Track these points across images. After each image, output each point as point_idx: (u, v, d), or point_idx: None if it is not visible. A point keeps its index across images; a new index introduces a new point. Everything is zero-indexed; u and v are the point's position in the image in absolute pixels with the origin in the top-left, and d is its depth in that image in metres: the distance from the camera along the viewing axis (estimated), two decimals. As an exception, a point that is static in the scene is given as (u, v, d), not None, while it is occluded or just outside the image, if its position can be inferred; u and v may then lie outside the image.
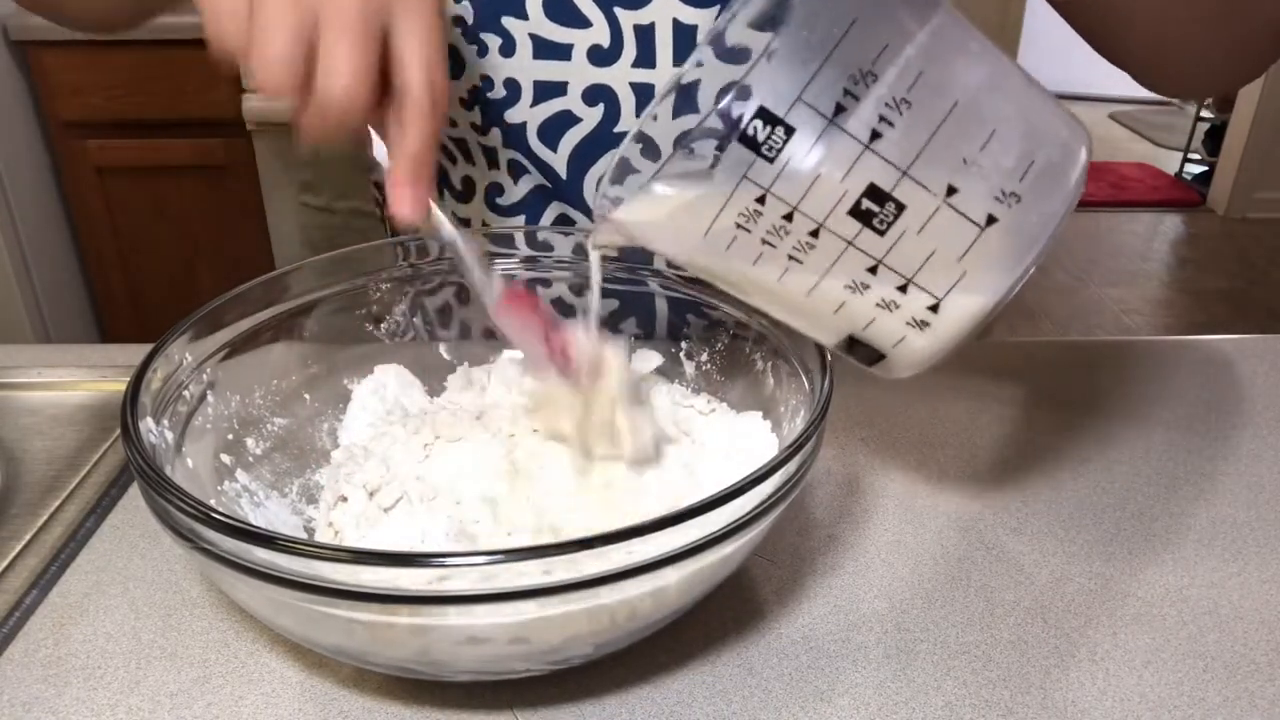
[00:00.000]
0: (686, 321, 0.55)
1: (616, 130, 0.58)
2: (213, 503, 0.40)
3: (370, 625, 0.34)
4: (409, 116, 0.39)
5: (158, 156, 1.84)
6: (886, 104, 0.32)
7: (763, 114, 0.32)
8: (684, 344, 0.54)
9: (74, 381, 0.61)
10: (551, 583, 0.32)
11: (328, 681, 0.41)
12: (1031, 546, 0.48)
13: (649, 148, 0.46)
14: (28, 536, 0.48)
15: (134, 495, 0.52)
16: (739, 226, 0.34)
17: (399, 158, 0.40)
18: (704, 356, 0.54)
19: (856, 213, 0.34)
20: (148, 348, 0.43)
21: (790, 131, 0.32)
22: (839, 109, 0.32)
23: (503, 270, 0.53)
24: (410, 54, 0.39)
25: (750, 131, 0.32)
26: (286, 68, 0.37)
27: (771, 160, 0.33)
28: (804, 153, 0.32)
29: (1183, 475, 0.54)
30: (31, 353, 0.67)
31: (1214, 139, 3.64)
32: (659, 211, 0.36)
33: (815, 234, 0.34)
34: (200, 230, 1.92)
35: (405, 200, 0.40)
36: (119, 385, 0.60)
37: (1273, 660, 0.42)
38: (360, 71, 0.37)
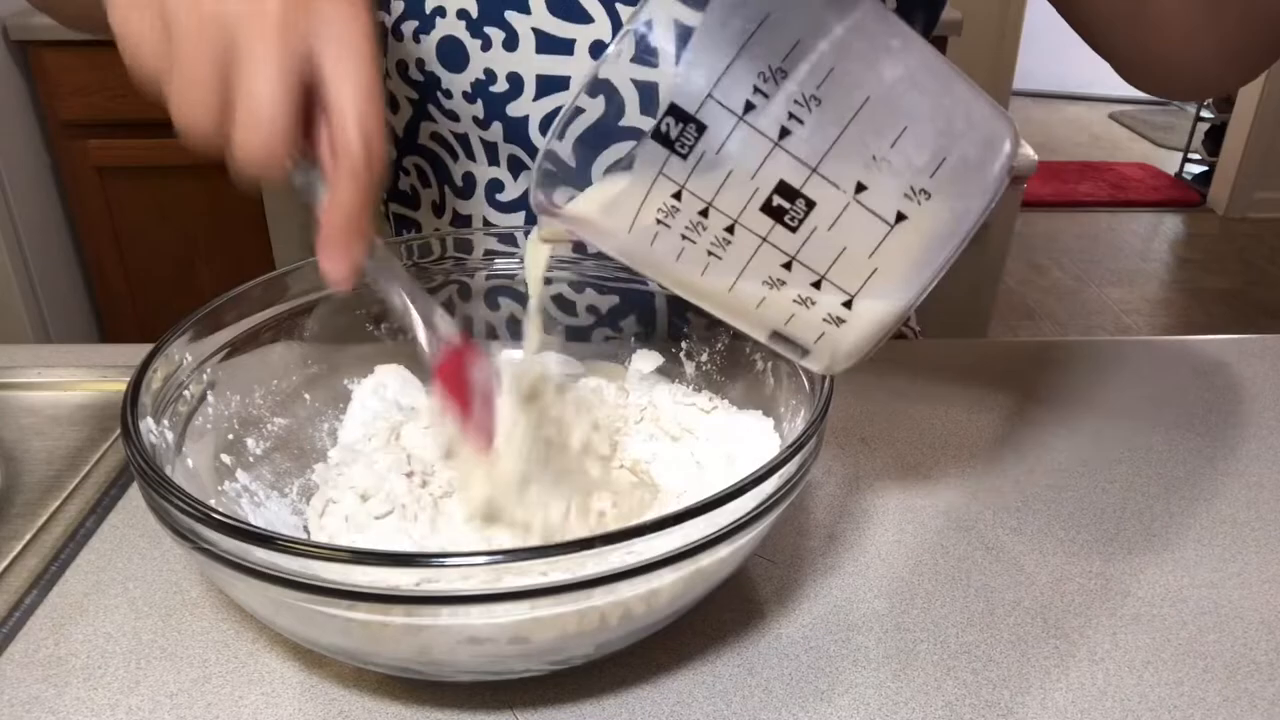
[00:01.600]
0: (686, 320, 0.55)
1: (619, 126, 0.59)
2: (213, 503, 0.40)
3: (368, 625, 0.34)
4: (343, 172, 0.36)
5: (158, 156, 1.84)
6: (796, 101, 0.32)
7: (674, 111, 0.32)
8: (684, 344, 0.54)
9: (74, 381, 0.61)
10: (547, 584, 0.32)
11: (328, 681, 0.41)
12: (1031, 546, 0.48)
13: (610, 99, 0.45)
14: (28, 536, 0.48)
15: (134, 495, 0.52)
16: (659, 222, 0.35)
17: (332, 211, 0.37)
18: (704, 356, 0.54)
19: (769, 209, 0.34)
20: (148, 348, 0.43)
21: (702, 128, 0.32)
22: (749, 106, 0.32)
23: (450, 328, 0.43)
24: (344, 100, 0.35)
25: (663, 128, 0.32)
26: (202, 108, 0.34)
27: (685, 157, 0.33)
28: (715, 149, 0.32)
29: (1183, 475, 0.54)
30: (31, 353, 0.67)
31: (1214, 139, 3.64)
32: (589, 206, 0.37)
33: (731, 230, 0.34)
34: (200, 230, 1.92)
35: (335, 262, 0.37)
36: (119, 385, 0.60)
37: (1273, 660, 0.42)
38: (279, 99, 0.34)
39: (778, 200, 0.33)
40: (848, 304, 0.36)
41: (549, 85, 0.58)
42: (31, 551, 0.47)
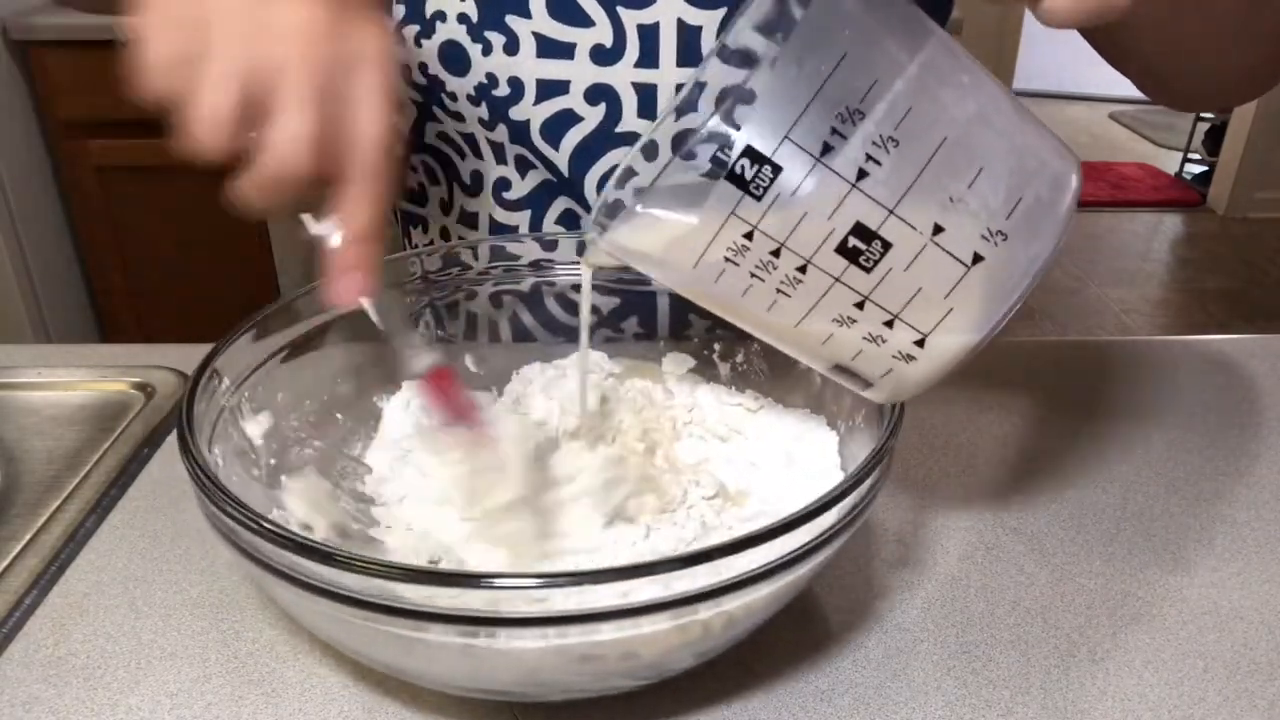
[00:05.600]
0: (688, 321, 0.55)
1: (618, 130, 0.59)
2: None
3: (474, 649, 0.33)
4: (360, 196, 0.37)
5: (158, 156, 1.82)
6: (874, 142, 0.32)
7: (750, 153, 0.32)
8: (717, 345, 0.54)
9: (74, 381, 0.61)
10: (669, 597, 0.32)
11: (327, 681, 0.41)
12: (1031, 546, 0.48)
13: (652, 154, 0.46)
14: (28, 536, 0.48)
15: (134, 495, 0.52)
16: (727, 260, 0.34)
17: (347, 240, 0.37)
18: (739, 357, 0.53)
19: (843, 250, 0.33)
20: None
21: (777, 170, 0.32)
22: (826, 148, 0.32)
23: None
24: (365, 126, 0.36)
25: (738, 170, 0.32)
26: (224, 127, 0.35)
27: (759, 198, 0.32)
28: (791, 191, 0.32)
29: (1183, 475, 0.54)
30: (31, 353, 0.67)
31: (1214, 139, 3.64)
32: (650, 240, 0.36)
33: (803, 270, 0.34)
34: (200, 230, 1.92)
35: (345, 286, 0.38)
36: (119, 385, 0.61)
37: (1273, 660, 0.42)
38: (311, 140, 0.35)
39: (853, 241, 0.33)
40: (920, 342, 0.36)
41: (549, 89, 0.58)
42: (31, 551, 0.47)
